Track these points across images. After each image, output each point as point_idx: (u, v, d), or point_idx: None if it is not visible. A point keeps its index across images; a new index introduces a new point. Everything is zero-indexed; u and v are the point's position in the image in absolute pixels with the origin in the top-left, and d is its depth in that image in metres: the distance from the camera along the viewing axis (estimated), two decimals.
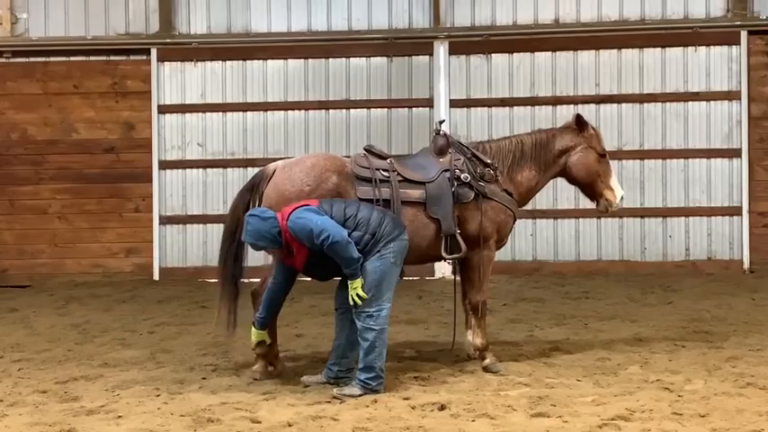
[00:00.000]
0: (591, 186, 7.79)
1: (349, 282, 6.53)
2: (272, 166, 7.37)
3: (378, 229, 6.57)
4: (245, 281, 7.33)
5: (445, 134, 7.55)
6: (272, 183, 7.17)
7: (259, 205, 7.15)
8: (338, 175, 7.12)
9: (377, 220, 6.60)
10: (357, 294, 6.49)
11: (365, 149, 7.46)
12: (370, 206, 6.82)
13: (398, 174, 7.24)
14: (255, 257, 7.70)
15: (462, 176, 7.30)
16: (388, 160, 7.32)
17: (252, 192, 7.27)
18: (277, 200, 7.00)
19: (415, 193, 7.22)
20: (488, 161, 7.46)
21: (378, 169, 7.21)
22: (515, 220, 7.64)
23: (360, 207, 6.69)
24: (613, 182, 7.80)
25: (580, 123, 7.73)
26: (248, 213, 6.68)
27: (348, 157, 7.49)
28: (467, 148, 7.52)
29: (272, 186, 7.15)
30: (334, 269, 6.63)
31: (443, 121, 7.98)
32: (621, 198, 7.81)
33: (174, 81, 13.77)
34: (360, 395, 6.47)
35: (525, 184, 7.65)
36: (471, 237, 7.30)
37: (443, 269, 12.98)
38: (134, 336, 9.21)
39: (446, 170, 7.32)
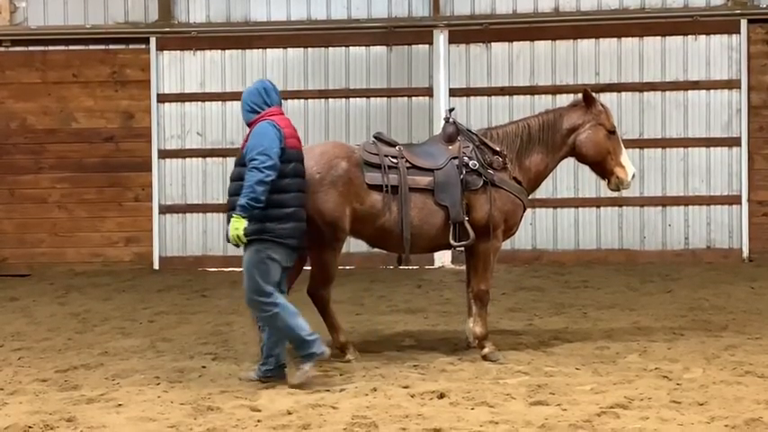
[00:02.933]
0: (601, 164, 7.67)
1: (233, 216, 6.30)
2: None
3: (283, 216, 6.39)
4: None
5: (454, 122, 7.53)
6: None
7: None
8: (347, 161, 7.11)
9: (293, 214, 6.43)
10: (237, 236, 6.29)
11: (374, 137, 7.46)
12: (302, 207, 6.58)
13: (407, 161, 7.24)
14: None
15: (471, 164, 7.28)
16: (397, 147, 7.32)
17: None
18: None
19: (424, 180, 7.22)
20: (497, 149, 7.43)
21: (387, 156, 7.22)
22: (525, 210, 7.59)
23: (301, 194, 6.56)
24: (624, 159, 7.65)
25: (588, 99, 7.62)
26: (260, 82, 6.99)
27: (357, 145, 7.49)
28: (476, 135, 7.50)
29: None
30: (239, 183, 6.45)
31: (453, 108, 7.91)
32: (633, 175, 7.66)
33: (173, 70, 13.75)
34: (310, 366, 6.45)
35: (534, 169, 7.60)
36: (479, 225, 7.28)
37: (443, 258, 12.99)
38: (134, 325, 9.22)
39: (455, 157, 7.31)
